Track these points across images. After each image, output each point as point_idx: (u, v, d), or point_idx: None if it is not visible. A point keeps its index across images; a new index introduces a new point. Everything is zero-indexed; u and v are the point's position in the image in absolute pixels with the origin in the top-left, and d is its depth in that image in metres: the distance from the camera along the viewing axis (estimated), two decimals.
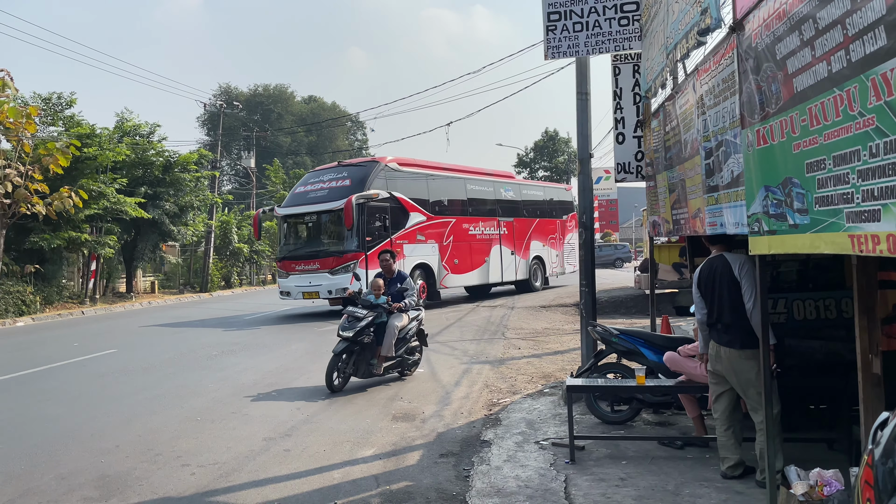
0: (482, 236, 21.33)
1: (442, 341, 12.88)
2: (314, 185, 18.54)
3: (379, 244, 16.92)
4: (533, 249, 23.80)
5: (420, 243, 18.83)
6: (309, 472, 5.38)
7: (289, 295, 17.96)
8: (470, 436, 6.41)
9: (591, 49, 7.17)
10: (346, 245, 17.19)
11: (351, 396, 8.08)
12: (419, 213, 18.97)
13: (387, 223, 17.69)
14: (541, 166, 62.48)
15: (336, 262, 17.02)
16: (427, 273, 19.03)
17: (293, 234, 19.35)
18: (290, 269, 17.95)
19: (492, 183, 22.64)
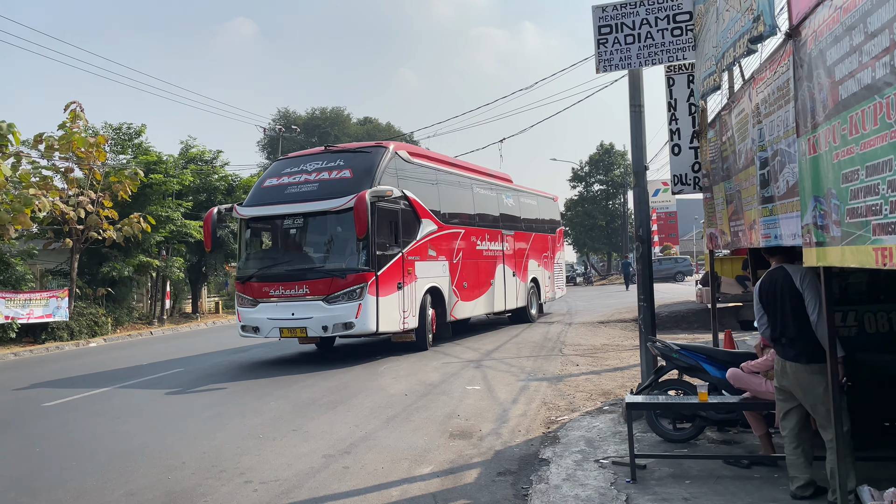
0: (488, 253, 17.04)
1: (498, 358, 12.83)
2: (295, 177, 13.08)
3: (391, 261, 12.59)
4: (530, 270, 19.83)
5: (431, 260, 14.13)
6: (367, 490, 5.42)
7: (256, 332, 12.58)
8: (528, 454, 6.35)
9: (644, 61, 7.10)
10: (348, 261, 12.22)
11: (409, 414, 8.11)
12: (431, 221, 14.21)
13: (398, 232, 12.99)
14: (596, 180, 61.69)
15: (335, 285, 11.97)
16: (437, 299, 14.42)
17: (260, 245, 14.30)
18: (261, 294, 12.54)
19: (494, 187, 18.38)
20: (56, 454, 6.93)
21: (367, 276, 12.07)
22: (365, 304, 11.83)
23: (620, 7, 7.13)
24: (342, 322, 11.95)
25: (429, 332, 13.71)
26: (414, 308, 13.23)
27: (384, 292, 12.28)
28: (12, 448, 7.28)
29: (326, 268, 12.39)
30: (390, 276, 12.56)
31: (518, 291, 18.77)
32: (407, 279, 13.02)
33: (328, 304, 12.02)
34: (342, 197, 12.04)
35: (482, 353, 13.54)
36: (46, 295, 18.86)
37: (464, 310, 15.62)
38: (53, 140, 19.14)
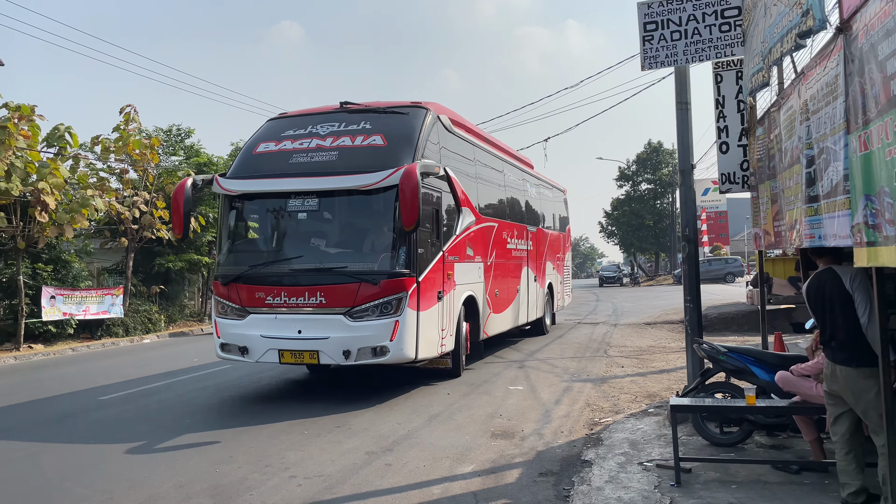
0: (516, 253, 14.07)
1: (542, 358, 12.77)
2: (302, 142, 9.61)
3: (432, 262, 9.40)
4: (547, 274, 17.01)
5: (469, 261, 11.03)
6: (409, 487, 5.47)
7: (244, 353, 9.04)
8: (570, 455, 6.32)
9: (691, 57, 6.98)
10: (382, 261, 8.85)
11: (451, 413, 8.14)
12: (470, 211, 11.17)
13: (439, 224, 9.86)
14: (644, 179, 60.82)
15: (364, 294, 8.58)
16: (471, 311, 11.18)
17: (249, 232, 10.16)
18: (252, 301, 9.05)
19: (522, 173, 15.50)
20: (109, 446, 7.17)
21: (408, 283, 8.63)
22: (403, 321, 8.50)
23: (666, 3, 7.03)
24: (371, 346, 8.46)
25: (463, 352, 10.66)
26: (452, 324, 10.02)
27: (425, 305, 8.98)
28: (68, 439, 7.56)
29: (352, 269, 8.72)
30: (431, 282, 9.25)
31: (538, 299, 15.94)
32: (447, 286, 9.83)
33: (352, 319, 8.48)
34: (377, 171, 8.64)
35: (525, 353, 13.49)
36: (102, 292, 19.49)
37: (495, 324, 12.49)
38: (109, 142, 19.78)
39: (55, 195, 16.48)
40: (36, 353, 16.47)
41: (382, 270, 8.70)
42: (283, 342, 8.77)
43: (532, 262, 15.22)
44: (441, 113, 10.46)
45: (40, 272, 18.45)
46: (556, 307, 18.24)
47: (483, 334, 11.65)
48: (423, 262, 9.05)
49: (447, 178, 9.83)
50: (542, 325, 16.60)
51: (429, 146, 9.50)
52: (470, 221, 11.09)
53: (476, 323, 11.28)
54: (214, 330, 9.47)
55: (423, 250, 9.09)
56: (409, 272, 8.71)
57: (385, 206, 8.90)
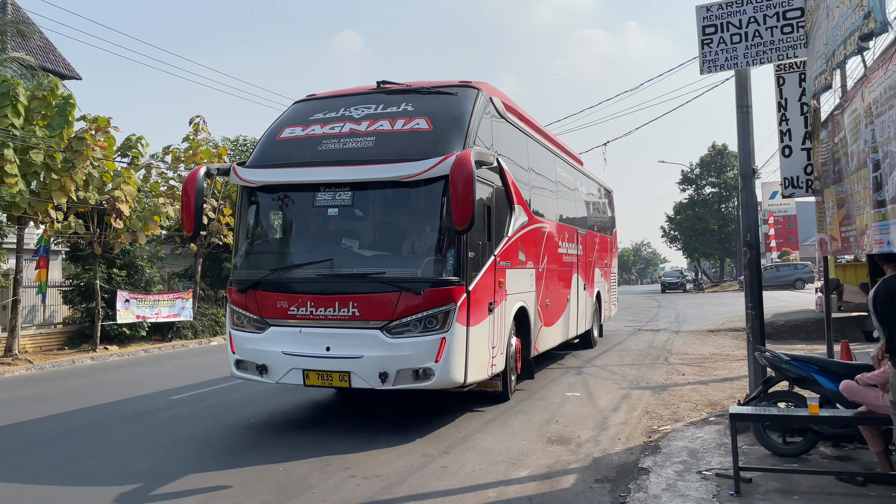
0: (567, 259, 12.60)
1: (600, 365, 12.66)
2: (333, 126, 8.27)
3: (483, 268, 8.01)
4: (596, 282, 15.57)
5: (521, 267, 9.66)
6: (464, 490, 5.55)
7: (262, 372, 7.77)
8: (627, 462, 6.28)
9: (752, 60, 6.87)
10: (426, 267, 7.59)
11: (507, 418, 8.18)
12: (523, 210, 9.72)
13: (491, 223, 8.42)
14: (708, 182, 59.36)
15: (405, 305, 7.31)
16: (522, 325, 9.73)
17: (271, 231, 8.83)
18: (273, 311, 7.82)
19: (572, 168, 14.03)
20: (180, 442, 7.50)
21: (456, 293, 7.30)
22: (451, 338, 7.18)
23: (726, 6, 6.94)
24: (413, 368, 7.20)
25: (512, 372, 9.27)
26: (503, 341, 8.65)
27: (475, 318, 7.63)
28: (138, 435, 7.93)
29: (390, 276, 7.41)
30: (482, 292, 7.91)
31: (587, 310, 14.56)
32: (498, 297, 8.43)
33: (390, 335, 7.22)
34: (422, 159, 7.35)
35: (583, 359, 13.40)
36: (173, 296, 20.27)
37: (547, 339, 11.07)
38: (179, 152, 20.63)
39: (129, 203, 17.27)
40: (111, 354, 17.27)
41: (427, 278, 7.38)
42: (309, 360, 7.42)
43: (582, 268, 13.82)
44: (493, 94, 9.05)
45: (115, 277, 19.34)
46: (603, 318, 16.80)
47: (534, 351, 10.30)
48: (473, 269, 7.67)
49: (500, 171, 8.59)
50: (591, 338, 15.24)
51: (480, 132, 8.17)
52: (523, 221, 9.62)
53: (527, 338, 9.87)
54: (229, 344, 8.18)
55: (473, 254, 7.67)
56: (457, 280, 7.33)
57: (431, 201, 7.63)
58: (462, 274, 7.43)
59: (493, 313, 8.20)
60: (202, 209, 8.02)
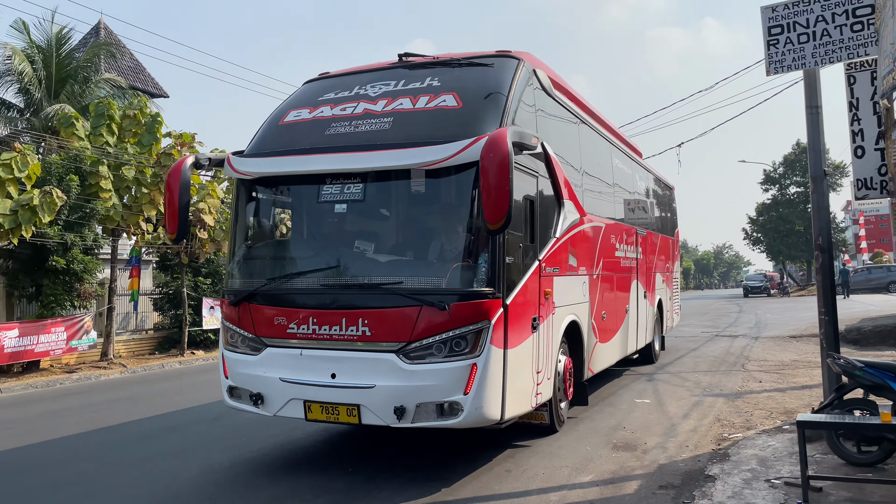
0: (625, 263, 11.07)
1: (673, 372, 12.46)
2: (345, 107, 7.00)
3: (524, 276, 6.64)
4: (657, 289, 13.80)
5: (571, 273, 8.19)
6: (527, 493, 5.65)
7: (258, 403, 6.53)
8: (693, 469, 6.23)
9: (821, 60, 6.72)
10: (453, 275, 6.17)
11: (573, 423, 8.21)
12: (574, 206, 8.30)
13: (535, 220, 7.09)
14: (792, 182, 56.96)
15: (426, 323, 5.91)
16: (573, 342, 8.29)
17: (270, 233, 7.58)
18: (271, 329, 6.54)
19: (630, 160, 12.41)
20: (259, 441, 7.89)
21: (490, 308, 5.91)
22: (484, 364, 5.80)
23: (792, 6, 6.81)
24: (437, 401, 5.82)
25: (562, 399, 7.81)
26: (550, 364, 7.19)
27: (515, 339, 6.22)
28: (222, 434, 8.38)
29: (409, 286, 6.05)
30: (524, 305, 6.52)
31: (647, 321, 12.79)
32: (544, 310, 7.02)
33: (408, 361, 5.88)
34: (447, 142, 5.96)
35: (655, 366, 13.21)
36: None
37: (602, 357, 9.50)
38: None
39: (213, 214, 18.15)
40: (197, 359, 18.16)
41: (454, 289, 5.95)
42: (311, 390, 6.17)
43: (641, 273, 12.22)
44: (538, 67, 7.53)
45: (201, 285, 20.34)
46: (665, 328, 14.91)
47: (587, 372, 8.68)
48: (512, 277, 6.25)
49: (545, 158, 7.19)
50: (652, 353, 13.50)
51: (522, 110, 6.75)
52: (573, 220, 8.16)
53: (579, 357, 8.35)
54: (221, 367, 6.93)
55: (512, 259, 6.28)
56: (492, 291, 5.90)
57: (459, 194, 6.31)
58: (498, 284, 5.97)
59: (537, 331, 6.76)
60: (188, 206, 6.82)
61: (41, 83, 21.62)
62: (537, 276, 6.89)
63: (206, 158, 7.13)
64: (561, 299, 7.59)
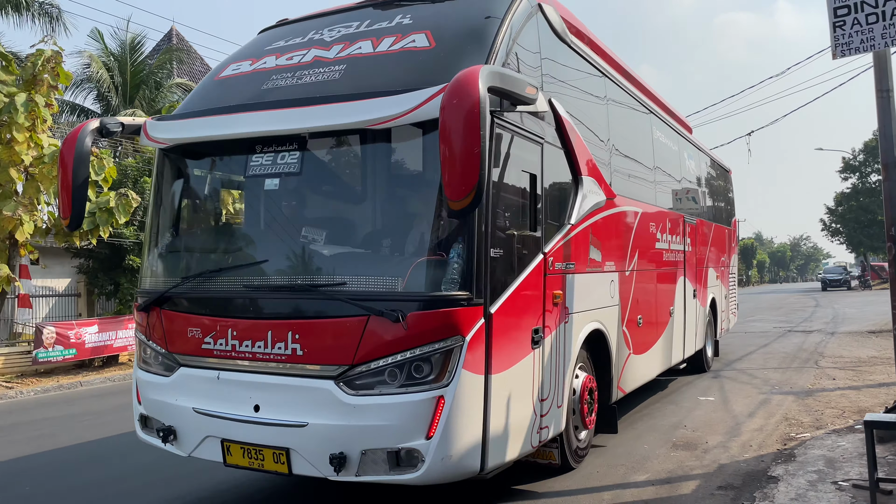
0: (668, 256, 9.22)
1: (740, 369, 12.08)
2: (294, 55, 5.38)
3: (519, 276, 4.98)
4: (710, 287, 11.88)
5: (594, 271, 6.56)
6: (579, 491, 5.58)
7: (168, 438, 5.00)
8: (756, 470, 6.03)
9: (892, 41, 6.35)
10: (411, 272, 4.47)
11: (632, 421, 8.06)
12: (596, 184, 6.62)
13: (536, 199, 5.34)
14: (873, 170, 54.20)
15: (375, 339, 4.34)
16: (597, 354, 6.66)
17: (185, 218, 5.85)
18: (184, 343, 5.00)
19: (675, 135, 10.49)
20: None
21: (464, 319, 4.41)
22: (455, 396, 4.32)
23: None
24: (389, 448, 4.34)
25: (580, 429, 6.17)
26: (560, 387, 5.67)
27: (503, 360, 4.78)
28: None
29: (351, 288, 4.58)
30: (517, 314, 5.03)
31: (697, 324, 10.85)
32: (551, 319, 5.52)
33: (351, 391, 4.41)
34: (408, 91, 4.45)
35: (722, 362, 12.82)
36: None
37: (637, 371, 7.80)
38: None
39: None
40: None
41: (414, 293, 4.42)
42: (230, 426, 4.69)
43: (690, 269, 10.31)
44: (545, 2, 5.89)
45: None
46: (719, 331, 12.79)
47: (617, 391, 7.01)
48: (500, 275, 4.72)
49: (555, 120, 5.72)
50: (703, 360, 11.50)
51: (519, 54, 5.22)
52: (597, 202, 6.52)
53: (605, 373, 6.73)
54: (134, 389, 5.47)
55: (500, 251, 4.73)
56: (467, 296, 4.37)
57: (424, 163, 4.73)
58: (477, 285, 4.41)
59: (541, 346, 5.25)
60: (87, 185, 5.23)
61: (117, 89, 22.66)
62: (541, 274, 5.30)
63: (116, 123, 5.48)
64: (578, 303, 5.99)
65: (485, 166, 3.88)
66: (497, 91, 4.33)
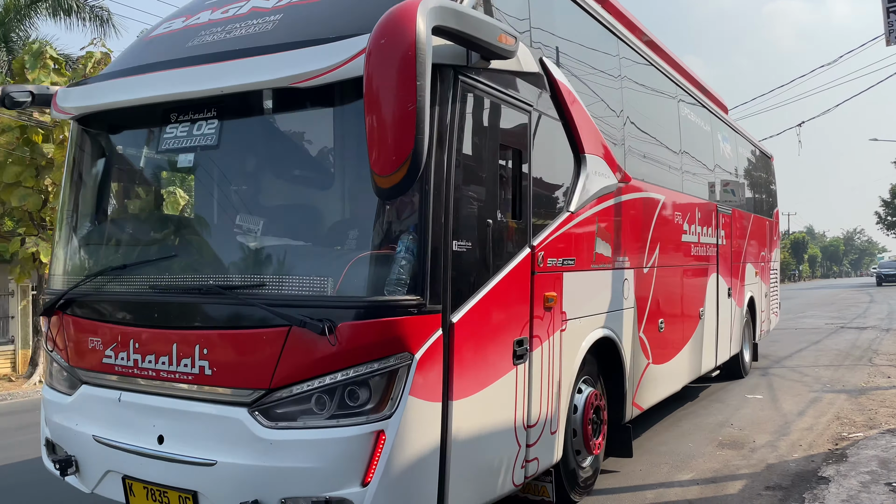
0: (698, 249, 8.20)
1: (790, 366, 11.77)
2: (230, 8, 4.37)
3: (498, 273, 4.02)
4: (747, 285, 10.63)
5: (601, 267, 5.49)
6: (622, 490, 5.52)
7: (69, 470, 4.08)
8: (805, 470, 5.87)
9: None
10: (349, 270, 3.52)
11: (677, 419, 7.93)
12: (603, 163, 5.50)
13: (522, 180, 4.36)
14: None
15: (300, 356, 3.41)
16: (608, 367, 5.68)
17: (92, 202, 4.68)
18: (85, 355, 4.13)
19: (706, 112, 9.24)
20: None
21: (412, 330, 3.44)
22: (399, 430, 3.34)
23: None
24: (314, 497, 3.36)
25: (583, 455, 5.25)
26: (554, 410, 4.72)
27: (471, 381, 3.79)
28: None
29: (269, 291, 3.64)
30: (491, 323, 4.01)
31: (733, 326, 9.69)
32: (541, 326, 4.53)
33: (268, 422, 3.47)
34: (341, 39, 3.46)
35: (771, 359, 12.51)
36: None
37: (658, 384, 6.80)
38: None
39: None
40: None
41: (347, 298, 3.53)
42: (132, 460, 3.84)
43: (724, 265, 9.17)
44: None
45: None
46: (758, 334, 11.52)
47: (632, 409, 6.04)
48: (466, 275, 3.82)
49: (549, 84, 4.74)
50: (740, 365, 10.41)
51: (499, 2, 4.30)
52: (606, 186, 5.52)
53: (618, 387, 5.78)
54: (42, 415, 4.58)
55: (467, 244, 3.78)
56: (417, 301, 3.47)
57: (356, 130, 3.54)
58: (431, 287, 3.48)
59: (526, 362, 4.30)
60: None
61: None
62: (527, 272, 4.32)
63: (24, 93, 4.65)
64: (580, 307, 5.02)
65: (424, 131, 3.02)
66: (452, 35, 3.38)
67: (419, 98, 3.00)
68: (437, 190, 3.53)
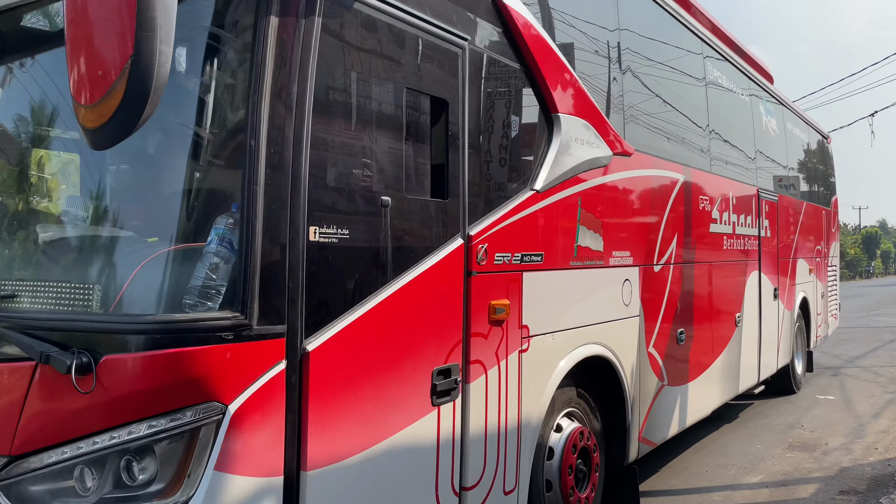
0: (730, 244, 6.72)
1: (864, 366, 11.32)
2: None
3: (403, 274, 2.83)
4: (798, 284, 9.14)
5: (590, 265, 4.15)
6: (687, 491, 5.40)
7: None
8: (882, 475, 5.64)
9: None
10: (138, 270, 2.31)
11: (744, 420, 7.72)
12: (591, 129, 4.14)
13: (446, 140, 3.07)
14: None
15: (62, 404, 2.20)
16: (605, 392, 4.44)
17: None
18: None
19: (747, 80, 7.78)
20: None
21: (229, 364, 2.22)
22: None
23: None
24: None
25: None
26: (510, 460, 3.44)
27: (343, 438, 2.54)
28: None
29: (14, 306, 2.55)
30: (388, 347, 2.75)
31: (781, 333, 8.29)
32: (483, 348, 3.26)
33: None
34: None
35: (843, 359, 12.04)
36: None
37: (675, 411, 5.52)
38: None
39: None
40: None
41: (121, 317, 2.36)
42: None
43: (768, 260, 7.82)
44: None
45: None
46: (812, 341, 9.97)
47: (639, 445, 4.81)
48: (336, 278, 2.60)
49: (498, 12, 3.49)
50: (791, 379, 8.89)
51: None
52: (593, 158, 4.20)
53: (617, 417, 4.59)
54: None
55: (338, 233, 2.56)
56: (232, 320, 2.24)
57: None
58: (266, 297, 2.33)
59: (454, 399, 3.12)
60: None
61: None
62: (457, 272, 3.16)
63: None
64: (551, 318, 3.84)
65: (157, 20, 1.86)
66: None
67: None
68: (278, 147, 2.34)
